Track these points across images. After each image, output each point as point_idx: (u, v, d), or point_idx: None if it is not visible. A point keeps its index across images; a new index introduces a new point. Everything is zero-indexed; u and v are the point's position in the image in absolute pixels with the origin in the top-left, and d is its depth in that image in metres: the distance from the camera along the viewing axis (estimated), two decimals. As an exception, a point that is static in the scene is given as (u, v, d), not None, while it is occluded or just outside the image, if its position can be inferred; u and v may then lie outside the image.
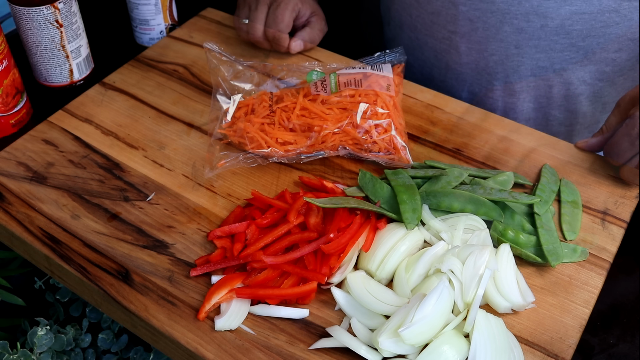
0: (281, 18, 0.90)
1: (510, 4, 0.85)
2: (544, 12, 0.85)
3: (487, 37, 0.90)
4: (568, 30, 0.86)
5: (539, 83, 0.93)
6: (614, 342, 0.70)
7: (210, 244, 0.72)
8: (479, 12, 0.87)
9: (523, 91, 0.95)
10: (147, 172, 0.79)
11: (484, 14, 0.87)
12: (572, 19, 0.85)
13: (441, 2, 0.90)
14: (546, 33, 0.87)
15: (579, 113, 0.97)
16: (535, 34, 0.87)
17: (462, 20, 0.89)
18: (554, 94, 0.95)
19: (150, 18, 0.99)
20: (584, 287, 0.68)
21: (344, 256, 0.67)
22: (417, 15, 0.94)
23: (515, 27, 0.87)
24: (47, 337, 0.81)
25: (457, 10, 0.89)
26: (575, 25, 0.86)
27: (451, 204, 0.71)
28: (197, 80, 0.92)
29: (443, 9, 0.90)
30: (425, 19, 0.93)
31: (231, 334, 0.64)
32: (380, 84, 0.79)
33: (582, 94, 0.95)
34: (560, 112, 0.97)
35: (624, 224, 0.74)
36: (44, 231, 0.73)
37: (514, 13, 0.86)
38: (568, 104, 0.96)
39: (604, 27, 0.86)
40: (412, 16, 0.95)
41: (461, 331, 0.61)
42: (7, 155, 0.81)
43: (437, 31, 0.93)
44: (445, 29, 0.92)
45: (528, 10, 0.85)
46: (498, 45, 0.90)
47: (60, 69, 0.91)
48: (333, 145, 0.77)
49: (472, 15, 0.88)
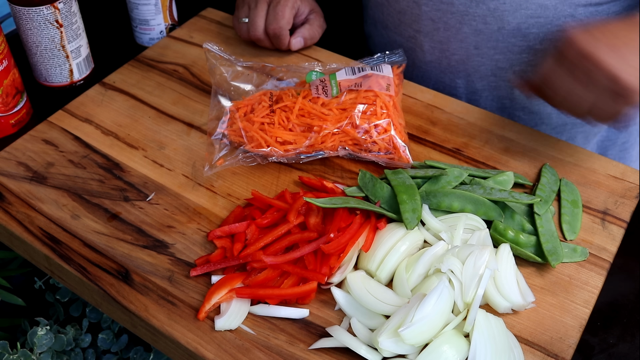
0: (281, 15, 0.90)
1: (468, 5, 0.86)
2: (500, 15, 0.86)
3: (449, 37, 0.91)
4: (525, 34, 0.87)
5: (500, 84, 0.95)
6: (614, 342, 0.70)
7: (210, 244, 0.72)
8: (440, 12, 0.89)
9: (485, 90, 0.96)
10: (147, 172, 0.79)
11: (445, 14, 0.89)
12: (528, 23, 0.86)
13: (406, 1, 0.91)
14: (503, 35, 0.88)
15: (543, 114, 0.98)
16: (493, 36, 0.89)
17: (425, 20, 0.91)
18: (516, 95, 0.96)
19: (150, 18, 0.99)
20: (584, 287, 0.68)
21: (344, 256, 0.67)
22: (387, 13, 0.96)
23: (474, 28, 0.88)
24: (47, 337, 0.81)
25: (420, 10, 0.90)
26: (532, 28, 0.87)
27: (451, 204, 0.71)
28: (197, 80, 0.92)
29: (408, 8, 0.92)
30: (394, 18, 0.95)
31: (231, 334, 0.64)
32: (380, 84, 0.79)
33: None
34: (524, 114, 0.97)
35: (624, 224, 0.74)
36: (44, 231, 0.73)
37: (472, 15, 0.87)
38: (531, 105, 0.97)
39: (560, 31, 0.86)
40: (383, 14, 0.97)
41: (461, 331, 0.61)
42: (7, 155, 0.81)
43: (403, 30, 0.95)
44: (410, 27, 0.94)
45: (485, 13, 0.86)
46: (459, 45, 0.91)
47: (60, 69, 0.91)
48: (333, 145, 0.77)
49: (433, 16, 0.90)
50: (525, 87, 0.78)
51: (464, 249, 0.65)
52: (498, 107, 0.97)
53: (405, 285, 0.65)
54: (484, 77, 0.94)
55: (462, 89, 0.96)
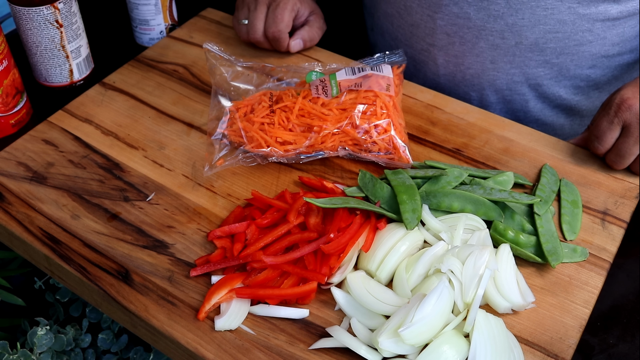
0: (281, 18, 0.90)
1: (486, 20, 0.86)
2: (519, 30, 0.86)
3: (464, 51, 0.91)
4: (542, 48, 0.87)
5: (515, 97, 0.95)
6: (614, 342, 0.70)
7: (210, 244, 0.72)
8: (456, 27, 0.89)
9: (499, 103, 0.96)
10: (147, 172, 0.79)
11: (461, 29, 0.89)
12: (546, 38, 0.86)
13: (420, 15, 0.91)
14: (521, 50, 0.88)
15: (556, 126, 0.98)
16: (510, 51, 0.89)
17: (440, 34, 0.91)
18: (530, 108, 0.96)
19: (150, 18, 0.99)
20: (584, 287, 0.68)
21: (344, 256, 0.67)
22: (398, 25, 0.96)
23: (490, 43, 0.88)
24: (47, 337, 0.81)
25: (435, 24, 0.90)
26: (549, 43, 0.87)
27: (451, 204, 0.71)
28: (197, 80, 0.92)
29: (422, 21, 0.91)
30: (406, 30, 0.95)
31: (231, 334, 0.64)
32: (380, 84, 0.79)
33: (557, 108, 0.96)
34: (538, 125, 0.98)
35: (624, 224, 0.74)
36: (44, 231, 0.73)
37: (490, 30, 0.87)
38: (545, 118, 0.97)
39: (577, 46, 0.87)
40: (394, 25, 0.97)
41: (461, 331, 0.61)
42: (7, 155, 0.81)
43: (416, 42, 0.95)
44: (424, 41, 0.93)
45: (503, 28, 0.86)
46: (474, 59, 0.91)
47: (60, 69, 0.91)
48: (333, 145, 0.77)
49: (449, 30, 0.89)
50: (579, 141, 0.83)
51: (464, 249, 0.65)
52: (511, 119, 0.97)
53: (405, 285, 0.65)
54: (498, 91, 0.94)
55: (476, 102, 0.96)
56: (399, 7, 0.93)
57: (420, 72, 0.97)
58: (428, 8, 0.89)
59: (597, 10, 0.84)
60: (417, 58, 0.96)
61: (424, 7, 0.89)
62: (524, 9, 0.84)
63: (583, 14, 0.84)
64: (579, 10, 0.84)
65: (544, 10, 0.84)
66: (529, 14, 0.84)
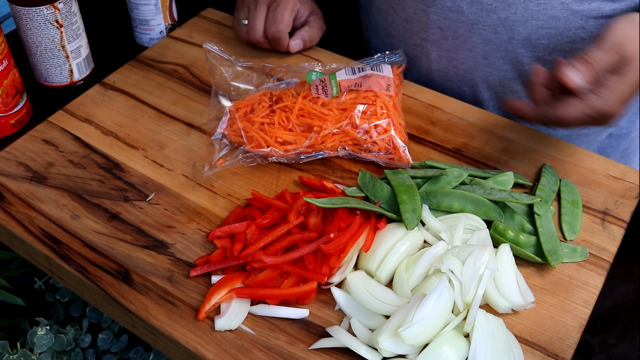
0: (280, 18, 0.90)
1: (478, 15, 0.86)
2: (511, 25, 0.86)
3: (457, 46, 0.91)
4: (534, 44, 0.87)
5: (507, 94, 0.94)
6: (614, 342, 0.70)
7: (210, 244, 0.72)
8: (449, 21, 0.89)
9: (492, 100, 0.96)
10: (147, 172, 0.79)
11: (454, 23, 0.88)
12: (539, 34, 0.86)
13: (414, 9, 0.91)
14: (513, 45, 0.88)
15: None
16: (502, 46, 0.88)
17: (433, 29, 0.90)
18: None
19: (150, 18, 0.99)
20: (584, 287, 0.68)
21: (344, 256, 0.67)
22: (392, 20, 0.96)
23: (483, 37, 0.88)
24: (47, 337, 0.81)
25: (428, 18, 0.90)
26: (542, 39, 0.87)
27: (451, 204, 0.71)
28: (197, 80, 0.92)
29: (415, 16, 0.91)
30: (399, 25, 0.95)
31: (231, 334, 0.64)
32: (380, 84, 0.79)
33: None
34: (531, 124, 0.97)
35: (624, 224, 0.74)
36: (44, 231, 0.73)
37: (482, 24, 0.87)
38: None
39: (570, 43, 0.87)
40: (387, 21, 0.97)
41: (461, 331, 0.61)
42: (7, 155, 0.81)
43: (409, 37, 0.95)
44: (417, 35, 0.93)
45: (496, 22, 0.86)
46: (467, 54, 0.91)
47: (60, 69, 0.91)
48: (333, 145, 0.77)
49: (442, 24, 0.89)
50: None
51: (464, 249, 0.65)
52: (505, 117, 0.97)
53: (405, 285, 0.65)
54: (491, 87, 0.94)
55: (469, 98, 0.96)
56: (393, 2, 0.93)
57: (414, 68, 0.97)
58: (421, 2, 0.89)
59: (591, 7, 0.84)
60: (410, 54, 0.96)
61: (418, 2, 0.89)
62: (516, 4, 0.84)
63: (576, 11, 0.84)
64: (572, 7, 0.84)
65: (536, 5, 0.83)
66: (522, 9, 0.84)
